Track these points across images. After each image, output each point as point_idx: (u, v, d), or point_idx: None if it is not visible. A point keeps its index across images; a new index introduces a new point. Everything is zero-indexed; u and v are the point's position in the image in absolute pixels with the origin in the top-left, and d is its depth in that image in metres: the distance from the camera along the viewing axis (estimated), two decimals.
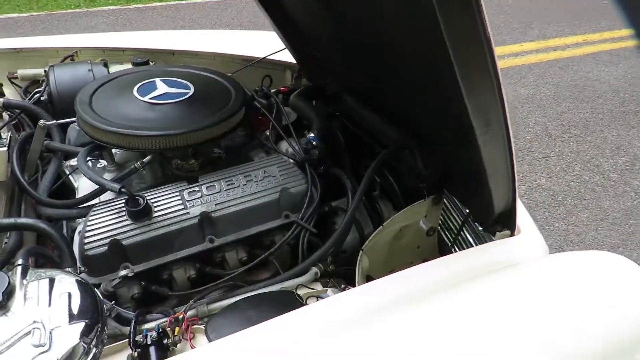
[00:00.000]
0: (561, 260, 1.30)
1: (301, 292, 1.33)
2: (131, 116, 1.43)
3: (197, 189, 1.41)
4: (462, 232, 1.80)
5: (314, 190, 1.53)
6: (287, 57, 2.38)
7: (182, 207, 1.38)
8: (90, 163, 1.61)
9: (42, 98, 1.88)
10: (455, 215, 1.85)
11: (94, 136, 1.42)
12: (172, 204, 1.37)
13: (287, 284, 1.35)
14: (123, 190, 1.28)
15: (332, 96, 2.11)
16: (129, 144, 1.38)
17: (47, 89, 1.87)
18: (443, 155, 1.63)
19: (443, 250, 1.86)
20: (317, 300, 1.27)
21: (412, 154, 1.68)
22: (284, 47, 2.27)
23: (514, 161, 1.18)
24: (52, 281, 1.00)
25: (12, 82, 2.17)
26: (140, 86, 1.55)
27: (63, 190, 1.62)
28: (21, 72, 2.14)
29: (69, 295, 0.97)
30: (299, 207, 1.51)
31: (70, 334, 0.91)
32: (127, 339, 1.15)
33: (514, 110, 4.49)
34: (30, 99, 1.91)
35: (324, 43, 1.96)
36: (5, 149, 1.39)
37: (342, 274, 1.55)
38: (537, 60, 5.70)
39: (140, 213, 1.31)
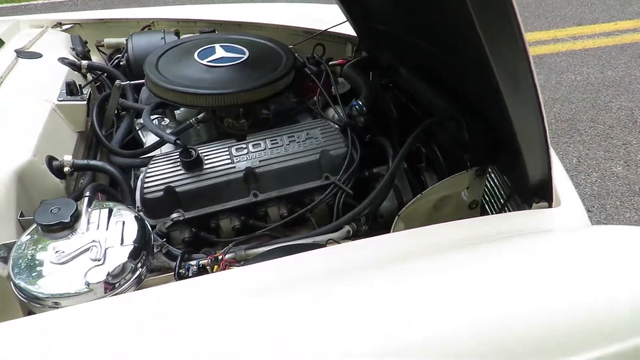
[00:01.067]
0: (598, 232, 1.27)
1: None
2: (190, 77, 1.57)
3: (244, 146, 1.53)
4: (506, 207, 1.78)
5: (354, 154, 1.59)
6: (348, 30, 2.43)
7: (229, 161, 1.50)
8: (156, 120, 1.80)
9: (121, 63, 2.10)
10: (500, 189, 1.83)
11: (156, 93, 1.58)
12: (221, 158, 1.51)
13: (320, 238, 1.44)
14: (178, 142, 1.43)
15: (387, 67, 2.13)
16: (185, 101, 1.53)
17: (125, 54, 2.09)
18: (487, 127, 1.61)
19: None
20: None
21: (458, 125, 1.67)
22: (345, 19, 2.33)
23: (547, 130, 1.16)
24: (111, 211, 1.16)
25: (99, 50, 2.43)
26: (201, 51, 1.70)
27: (134, 144, 1.83)
28: (107, 40, 2.39)
29: (123, 223, 1.13)
30: (339, 169, 1.58)
31: (121, 254, 1.07)
32: (175, 268, 1.30)
33: (596, 94, 4.18)
34: (111, 64, 2.14)
35: (385, 17, 1.99)
36: (85, 102, 1.60)
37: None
38: (632, 40, 5.21)
39: (192, 164, 1.45)
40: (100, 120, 1.80)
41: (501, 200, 1.80)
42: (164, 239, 1.40)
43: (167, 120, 1.75)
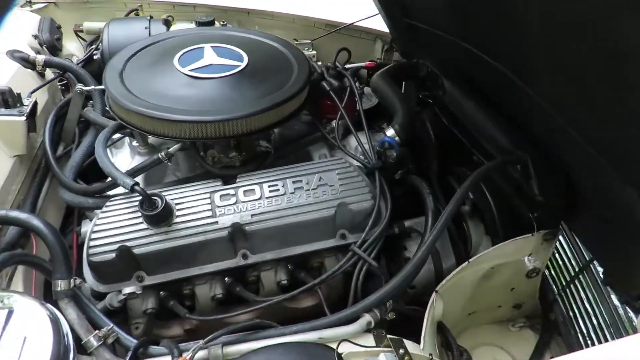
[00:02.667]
0: None
1: (344, 349, 0.99)
2: (164, 92, 1.14)
3: (232, 192, 1.11)
4: (577, 281, 1.35)
5: (383, 208, 1.16)
6: (380, 24, 1.98)
7: (209, 214, 1.09)
8: (125, 141, 1.38)
9: (95, 56, 1.68)
10: (570, 257, 1.39)
11: (116, 113, 1.16)
12: (198, 209, 1.09)
13: (328, 334, 1.02)
14: (136, 188, 1.01)
15: (427, 78, 1.68)
16: (154, 129, 1.10)
17: (100, 46, 1.66)
18: (569, 178, 1.18)
19: (545, 297, 1.42)
20: None
21: (525, 171, 1.24)
22: (378, 12, 1.87)
23: None
24: (9, 315, 0.76)
25: (78, 36, 2.01)
26: (184, 53, 1.26)
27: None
28: (87, 25, 1.97)
29: (24, 340, 0.72)
30: (360, 226, 1.16)
31: None
32: None
33: None
34: (81, 59, 1.72)
35: (433, 14, 1.53)
36: (23, 118, 1.19)
37: (404, 316, 1.19)
38: None
39: (156, 218, 1.04)
40: (55, 135, 1.40)
41: (570, 272, 1.38)
42: (111, 326, 1.00)
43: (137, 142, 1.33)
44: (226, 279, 1.19)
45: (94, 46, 1.73)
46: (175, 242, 1.07)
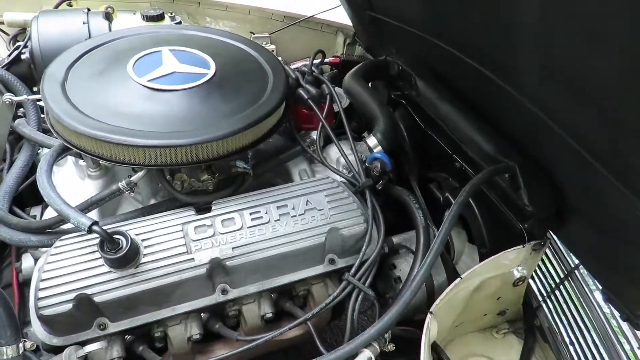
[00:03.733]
0: None
1: None
2: (119, 108, 0.96)
3: (208, 222, 0.97)
4: (561, 287, 1.34)
5: (376, 231, 1.06)
6: (342, 17, 1.86)
7: (184, 249, 0.94)
8: (69, 163, 1.18)
9: (23, 56, 1.43)
10: (554, 263, 1.38)
11: (61, 135, 0.97)
12: (169, 245, 0.94)
13: None
14: (95, 229, 0.85)
15: (398, 77, 1.59)
16: (111, 155, 0.92)
17: (29, 44, 1.42)
18: (557, 186, 1.16)
19: (528, 304, 1.41)
20: None
21: (513, 179, 1.20)
22: (340, 4, 1.75)
23: None
24: None
25: None
26: (139, 59, 1.08)
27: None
28: (8, 15, 1.69)
29: None
30: (351, 250, 1.06)
31: None
32: None
33: None
34: (9, 56, 1.47)
35: (400, 8, 1.43)
36: None
37: (398, 339, 1.12)
38: None
39: (121, 260, 0.88)
40: None
41: (554, 277, 1.37)
42: None
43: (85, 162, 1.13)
44: (202, 315, 1.06)
45: (20, 43, 1.47)
46: (145, 284, 0.92)
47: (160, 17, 1.52)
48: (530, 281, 1.43)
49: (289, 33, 1.98)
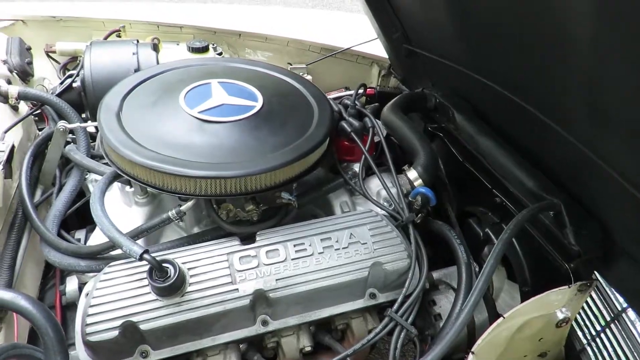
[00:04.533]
0: None
1: None
2: (171, 139, 0.99)
3: (252, 253, 0.98)
4: (607, 330, 1.29)
5: (419, 267, 1.05)
6: (377, 49, 1.89)
7: (229, 280, 0.95)
8: (115, 189, 1.21)
9: (74, 85, 1.49)
10: (599, 305, 1.33)
11: (116, 164, 1.00)
12: (215, 274, 0.95)
13: None
14: (146, 257, 0.86)
15: (435, 110, 1.60)
16: (163, 184, 0.95)
17: (81, 72, 1.48)
18: (604, 224, 1.12)
19: (570, 347, 1.35)
20: None
21: (558, 217, 1.17)
22: (376, 37, 1.78)
23: None
24: None
25: (49, 57, 1.81)
26: (190, 90, 1.11)
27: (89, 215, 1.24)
28: (60, 45, 1.77)
29: None
30: (392, 285, 1.05)
31: None
32: None
33: None
34: (61, 84, 1.53)
35: (439, 40, 1.44)
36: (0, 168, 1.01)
37: None
38: None
39: (168, 289, 0.89)
40: (33, 179, 1.21)
41: (600, 321, 1.32)
42: None
43: (133, 189, 1.16)
44: (241, 346, 1.05)
45: (72, 72, 1.54)
46: (189, 314, 0.92)
47: (205, 49, 1.57)
48: (574, 323, 1.39)
49: (325, 64, 2.01)
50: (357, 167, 1.20)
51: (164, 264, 0.89)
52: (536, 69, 1.05)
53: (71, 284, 1.11)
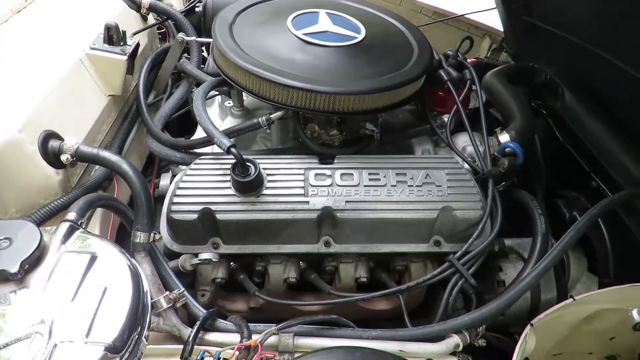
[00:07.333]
0: None
1: None
2: (275, 53, 1.05)
3: (328, 172, 1.02)
4: None
5: (491, 222, 1.02)
6: (492, 20, 1.81)
7: (302, 192, 1.00)
8: (217, 99, 1.32)
9: (196, 8, 1.62)
10: None
11: (222, 68, 1.09)
12: (290, 184, 1.00)
13: (411, 349, 0.92)
14: (232, 150, 0.94)
15: (544, 86, 1.51)
16: (260, 91, 1.01)
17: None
18: None
19: None
20: None
21: None
22: (495, 6, 1.70)
23: None
24: (92, 260, 0.70)
25: None
26: (298, 15, 1.16)
27: (189, 122, 1.36)
28: None
29: (104, 291, 0.66)
30: (458, 236, 1.03)
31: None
32: (182, 348, 0.84)
33: None
34: (186, 7, 1.67)
35: (566, 13, 1.35)
36: (125, 58, 1.14)
37: (487, 344, 1.06)
38: None
39: (247, 185, 0.96)
40: (149, 82, 1.35)
41: None
42: (182, 289, 0.94)
43: (231, 102, 1.25)
44: (301, 263, 1.11)
45: None
46: (261, 214, 0.99)
47: None
48: None
49: (435, 29, 1.96)
50: (446, 118, 1.18)
51: (247, 162, 0.96)
52: None
53: (164, 179, 1.24)
